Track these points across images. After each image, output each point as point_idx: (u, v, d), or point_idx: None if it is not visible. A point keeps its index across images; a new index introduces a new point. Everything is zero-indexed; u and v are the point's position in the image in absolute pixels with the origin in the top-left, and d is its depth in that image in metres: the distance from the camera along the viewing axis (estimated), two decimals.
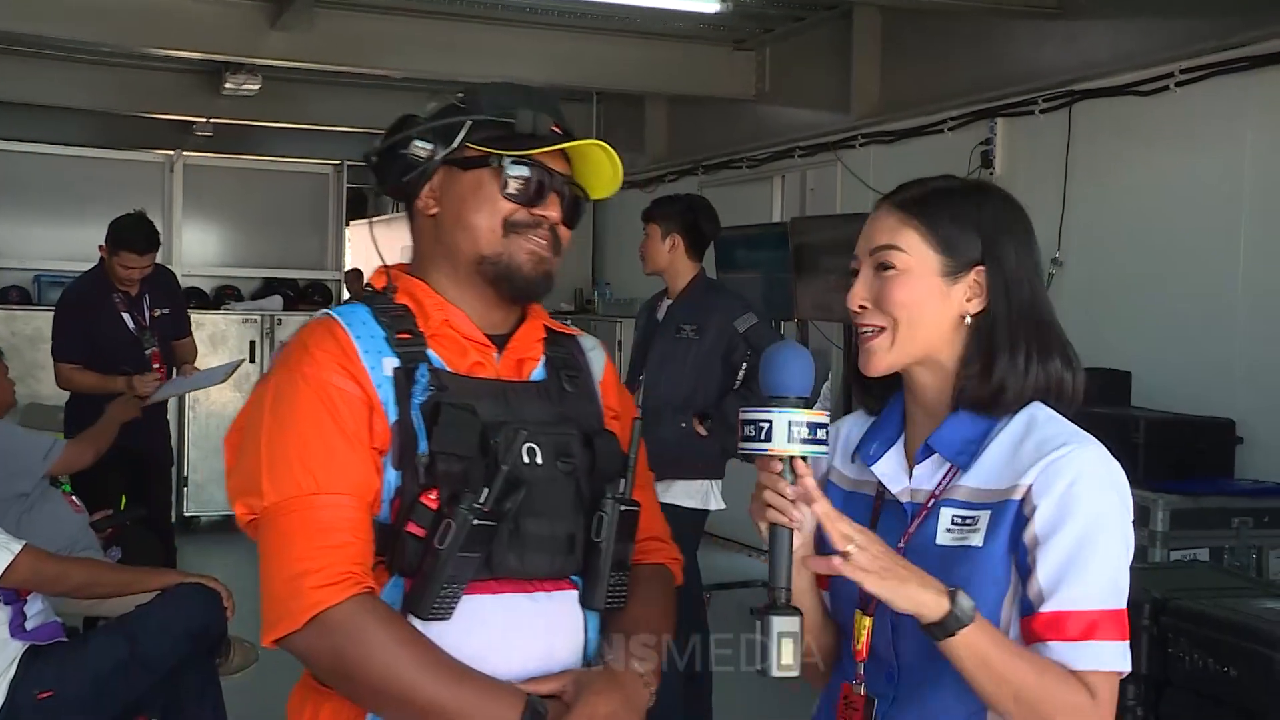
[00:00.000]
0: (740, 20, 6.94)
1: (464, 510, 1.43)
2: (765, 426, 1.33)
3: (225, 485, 1.55)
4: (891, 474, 1.48)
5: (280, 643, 1.44)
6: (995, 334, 1.42)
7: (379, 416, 1.48)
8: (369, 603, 1.43)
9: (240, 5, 6.49)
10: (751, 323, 4.01)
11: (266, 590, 1.46)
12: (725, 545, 7.05)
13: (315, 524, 1.44)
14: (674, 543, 1.76)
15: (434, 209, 1.59)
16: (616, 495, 1.56)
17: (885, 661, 1.45)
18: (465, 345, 1.56)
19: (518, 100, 1.58)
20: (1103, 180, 5.04)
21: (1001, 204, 1.48)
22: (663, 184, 8.38)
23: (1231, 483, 4.12)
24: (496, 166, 1.55)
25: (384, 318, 1.55)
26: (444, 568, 1.43)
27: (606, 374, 1.70)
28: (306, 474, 1.45)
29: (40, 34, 6.57)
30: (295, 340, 1.56)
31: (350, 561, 1.44)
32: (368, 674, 1.41)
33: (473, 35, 6.85)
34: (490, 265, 1.56)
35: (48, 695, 2.92)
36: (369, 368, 1.50)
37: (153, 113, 8.74)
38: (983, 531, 1.39)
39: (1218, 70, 4.52)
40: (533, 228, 1.57)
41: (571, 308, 8.90)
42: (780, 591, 1.33)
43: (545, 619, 1.53)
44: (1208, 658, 2.85)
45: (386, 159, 1.59)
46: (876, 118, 6.36)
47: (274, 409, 1.49)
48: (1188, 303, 4.66)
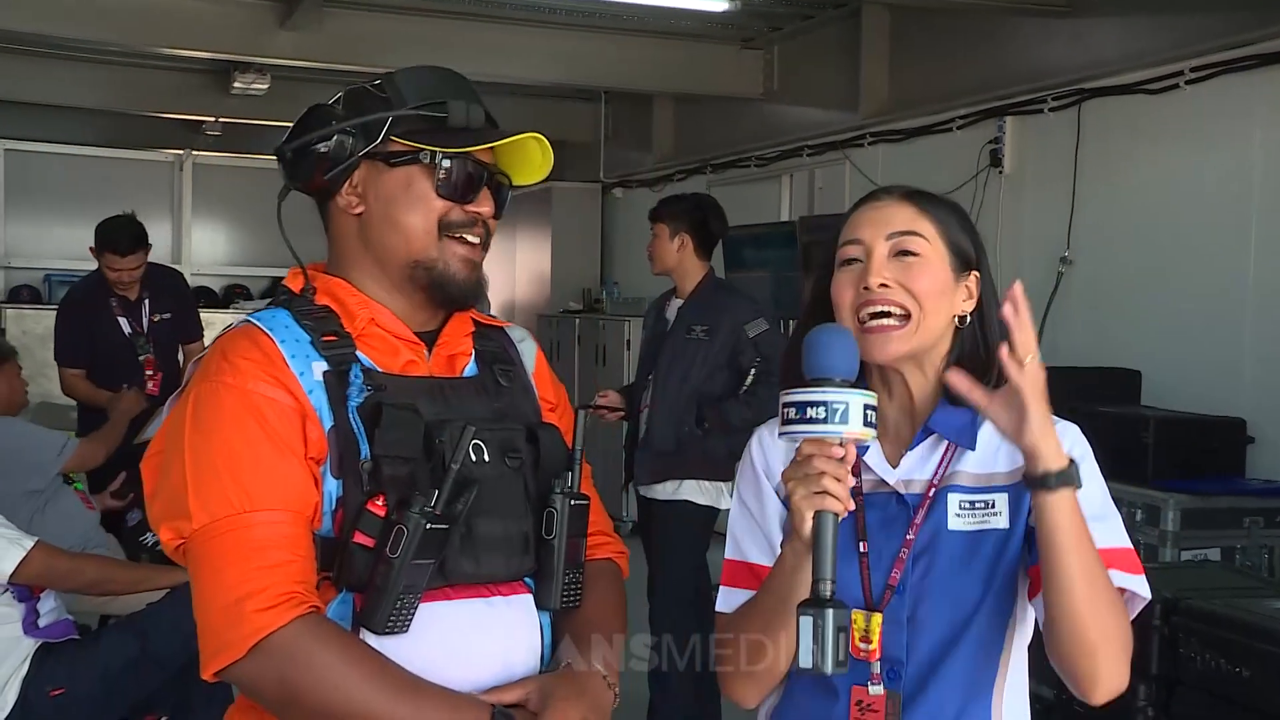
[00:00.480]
0: (748, 19, 6.93)
1: (415, 514, 1.35)
2: (840, 408, 1.25)
3: (147, 512, 1.44)
4: (880, 466, 1.47)
5: (221, 674, 1.34)
6: (989, 336, 1.44)
7: (313, 424, 1.39)
8: (315, 623, 1.34)
9: (249, 5, 6.51)
10: (762, 329, 3.98)
11: (203, 620, 1.35)
12: None
13: (250, 543, 1.33)
14: (616, 535, 1.68)
15: (358, 208, 1.49)
16: (565, 489, 1.49)
17: (896, 660, 1.43)
18: (395, 344, 1.48)
19: (445, 89, 1.49)
20: (1112, 179, 5.03)
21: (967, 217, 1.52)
22: (670, 183, 8.38)
23: (1243, 482, 4.11)
24: (429, 163, 1.46)
25: (307, 320, 1.45)
26: (399, 577, 1.34)
27: (539, 365, 1.63)
28: (238, 490, 1.35)
29: (50, 34, 6.59)
30: (213, 351, 1.44)
31: (291, 581, 1.34)
32: (319, 699, 1.32)
33: (481, 35, 6.85)
34: (423, 271, 1.48)
35: (60, 692, 2.93)
36: (298, 374, 1.40)
37: (162, 112, 8.76)
38: (1006, 514, 1.40)
39: (1227, 68, 4.51)
40: (467, 225, 1.49)
41: (580, 307, 8.90)
42: (826, 584, 1.26)
43: (502, 624, 1.46)
44: (1219, 658, 2.85)
45: (300, 154, 1.48)
46: (885, 116, 6.35)
47: (196, 424, 1.38)
48: (1197, 301, 4.64)
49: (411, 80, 1.50)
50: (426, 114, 1.47)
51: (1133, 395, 4.60)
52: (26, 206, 8.09)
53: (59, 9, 6.24)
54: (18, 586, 2.96)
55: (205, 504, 1.35)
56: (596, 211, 9.41)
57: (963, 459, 1.44)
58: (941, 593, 1.41)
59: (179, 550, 1.39)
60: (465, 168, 1.47)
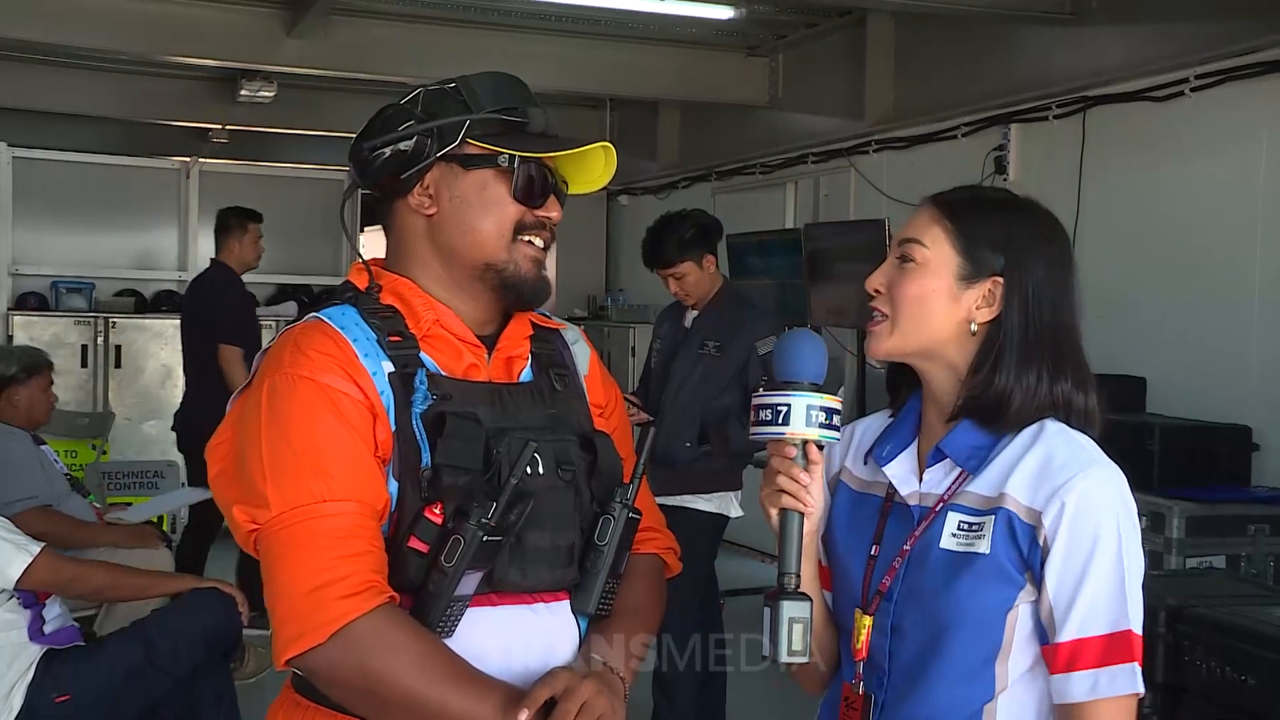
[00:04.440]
0: (753, 27, 6.94)
1: (473, 526, 1.36)
2: (783, 410, 1.32)
3: (215, 498, 1.44)
4: (902, 476, 1.49)
5: (297, 661, 1.34)
6: (1004, 346, 1.43)
7: (382, 424, 1.40)
8: (395, 613, 1.35)
9: (256, 13, 6.52)
10: (770, 348, 3.97)
11: (283, 605, 1.35)
12: (740, 551, 7.04)
13: (330, 532, 1.34)
14: (668, 531, 1.69)
15: (430, 209, 1.49)
16: (625, 500, 1.51)
17: (878, 664, 1.45)
18: (459, 347, 1.49)
19: (520, 96, 1.51)
20: (1117, 187, 5.03)
21: (1039, 223, 1.49)
22: (675, 190, 8.39)
23: (1247, 490, 4.11)
24: (506, 167, 1.48)
25: (373, 319, 1.46)
26: (452, 586, 1.36)
27: (592, 367, 1.63)
28: (317, 479, 1.35)
29: (57, 42, 6.60)
30: (284, 343, 1.44)
31: (371, 570, 1.35)
32: (399, 688, 1.33)
33: (487, 42, 6.87)
34: (495, 273, 1.49)
35: (65, 699, 2.94)
36: (371, 372, 1.41)
37: (169, 120, 8.78)
38: (988, 538, 1.39)
39: (1232, 76, 4.51)
40: (537, 229, 1.51)
41: (585, 314, 8.91)
42: (790, 577, 1.33)
43: (544, 630, 1.48)
44: (1224, 665, 2.84)
45: (374, 153, 1.48)
46: (890, 124, 6.36)
47: (272, 413, 1.38)
48: (1203, 309, 4.64)
49: (486, 84, 1.51)
50: (504, 118, 1.49)
51: (1138, 403, 4.59)
52: (34, 214, 8.10)
53: (66, 17, 6.26)
54: (23, 592, 2.97)
55: (283, 492, 1.35)
56: (601, 218, 9.42)
57: (978, 479, 1.43)
58: (921, 607, 1.42)
59: (251, 536, 1.39)
60: (537, 173, 1.50)
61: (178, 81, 8.30)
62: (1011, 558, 1.38)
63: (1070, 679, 1.35)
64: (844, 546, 1.51)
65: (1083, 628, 1.35)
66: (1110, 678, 1.35)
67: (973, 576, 1.38)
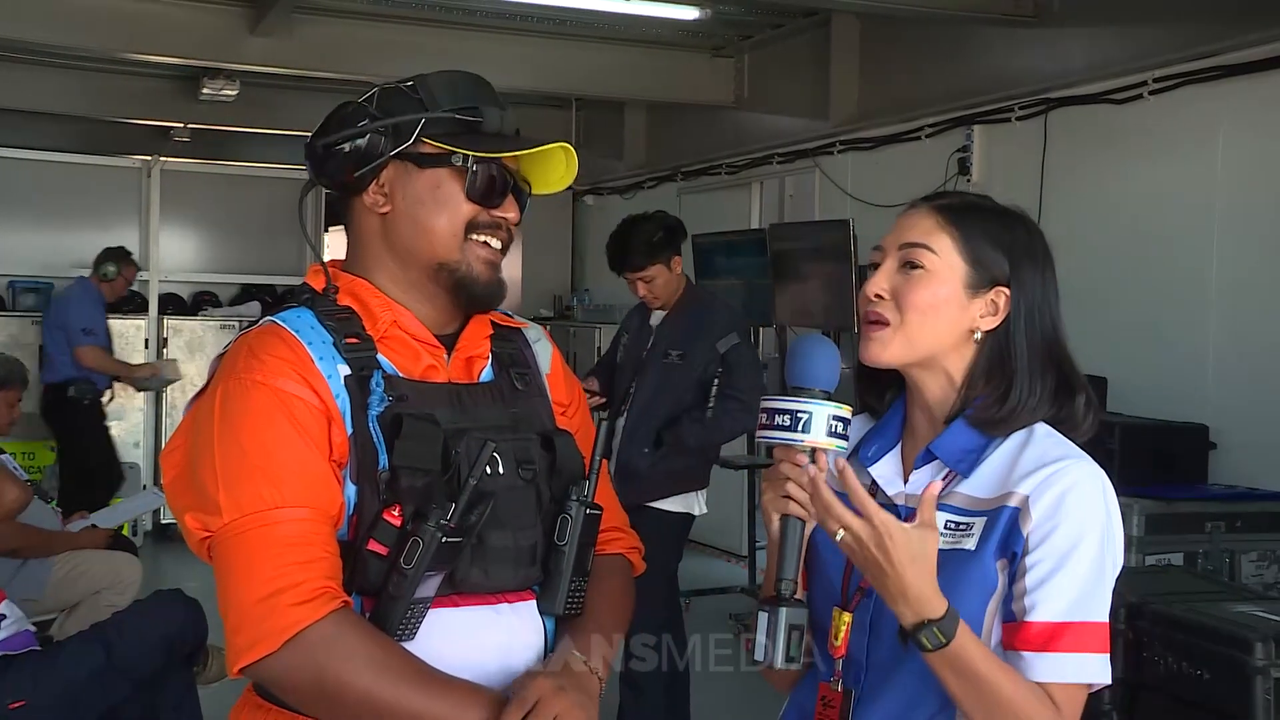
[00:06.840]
0: (719, 27, 6.96)
1: (431, 528, 1.35)
2: (804, 418, 1.30)
3: (169, 504, 1.44)
4: (888, 477, 1.49)
5: (250, 670, 1.33)
6: (1014, 357, 1.43)
7: (338, 428, 1.39)
8: (349, 618, 1.35)
9: (219, 11, 6.47)
10: (733, 343, 3.97)
11: (235, 613, 1.34)
12: (703, 550, 7.05)
13: (283, 539, 1.34)
14: (632, 531, 1.69)
15: (384, 207, 1.49)
16: (581, 497, 1.50)
17: (856, 661, 1.46)
18: (416, 348, 1.48)
19: (476, 95, 1.50)
20: (1078, 187, 5.08)
21: (1030, 232, 1.51)
22: (642, 190, 8.40)
23: (1205, 488, 4.16)
24: (461, 166, 1.47)
25: (329, 321, 1.45)
26: (412, 588, 1.36)
27: (554, 366, 1.63)
28: (269, 486, 1.35)
29: (16, 38, 6.52)
30: (238, 348, 1.44)
31: (324, 576, 1.35)
32: (351, 692, 1.33)
33: (452, 42, 6.85)
34: (448, 273, 1.49)
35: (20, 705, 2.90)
36: (326, 375, 1.40)
37: (130, 118, 8.69)
38: (976, 536, 1.40)
39: (1190, 79, 4.57)
40: (491, 228, 1.50)
41: (551, 314, 8.90)
42: (788, 584, 1.32)
43: (507, 630, 1.48)
44: (1181, 661, 2.87)
45: (330, 149, 1.48)
46: (855, 125, 6.39)
47: (225, 419, 1.38)
48: (1161, 309, 4.70)
49: (443, 83, 1.50)
50: (459, 117, 1.48)
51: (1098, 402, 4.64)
52: None
53: (25, 13, 6.18)
54: None
55: (235, 499, 1.35)
56: (568, 218, 9.41)
57: (968, 480, 1.43)
58: None
59: (204, 543, 1.38)
60: (494, 173, 1.49)
61: (139, 79, 8.21)
62: (996, 553, 1.38)
63: (1044, 658, 1.35)
64: (825, 545, 1.50)
65: (1045, 612, 1.35)
66: (1079, 664, 1.35)
67: (957, 571, 1.38)
